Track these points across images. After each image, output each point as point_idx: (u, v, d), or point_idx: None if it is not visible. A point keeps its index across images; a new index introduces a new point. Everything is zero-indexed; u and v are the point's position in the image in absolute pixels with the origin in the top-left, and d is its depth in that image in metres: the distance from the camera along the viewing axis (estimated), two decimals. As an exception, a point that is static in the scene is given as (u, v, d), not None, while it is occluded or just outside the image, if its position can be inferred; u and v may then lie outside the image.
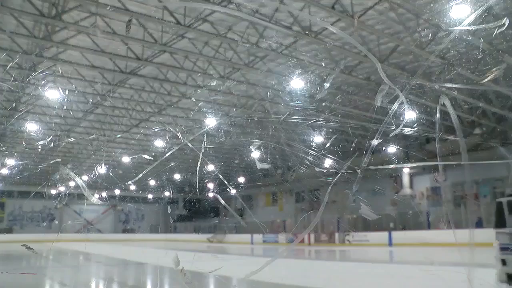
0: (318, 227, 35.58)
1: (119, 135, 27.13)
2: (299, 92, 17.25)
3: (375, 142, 4.56)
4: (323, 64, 18.36)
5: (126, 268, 18.11)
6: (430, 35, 15.12)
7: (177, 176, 38.39)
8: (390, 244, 27.45)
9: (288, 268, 14.01)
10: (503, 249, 7.22)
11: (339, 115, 21.17)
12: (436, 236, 25.97)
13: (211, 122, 22.16)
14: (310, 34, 15.39)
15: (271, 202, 46.53)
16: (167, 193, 48.21)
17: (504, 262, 7.08)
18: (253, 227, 36.75)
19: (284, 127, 18.90)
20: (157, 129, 25.53)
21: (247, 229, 39.74)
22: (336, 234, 33.06)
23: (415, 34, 16.10)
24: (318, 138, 15.01)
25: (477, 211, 26.50)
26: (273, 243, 36.59)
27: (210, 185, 24.28)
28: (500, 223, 7.49)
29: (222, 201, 7.53)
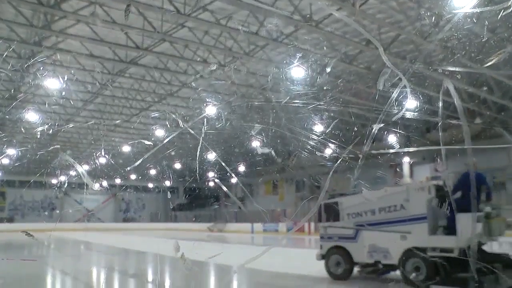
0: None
1: (118, 121, 27.03)
2: (299, 77, 17.13)
3: (376, 126, 4.55)
4: (325, 48, 18.24)
5: (127, 257, 18.22)
6: (433, 19, 14.97)
7: (177, 164, 38.40)
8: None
9: (287, 256, 14.07)
10: (321, 237, 10.17)
11: (340, 100, 21.05)
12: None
13: (211, 109, 22.08)
14: (311, 23, 15.29)
15: (271, 191, 46.59)
16: (167, 182, 48.28)
17: (320, 247, 9.96)
18: (254, 216, 36.80)
19: (284, 111, 18.88)
20: (156, 114, 25.45)
21: (247, 218, 39.83)
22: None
23: (416, 23, 16.00)
24: (319, 123, 14.95)
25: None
26: (273, 232, 36.68)
27: (210, 171, 24.26)
28: (319, 219, 10.53)
29: (222, 186, 7.57)
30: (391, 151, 17.26)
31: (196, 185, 47.24)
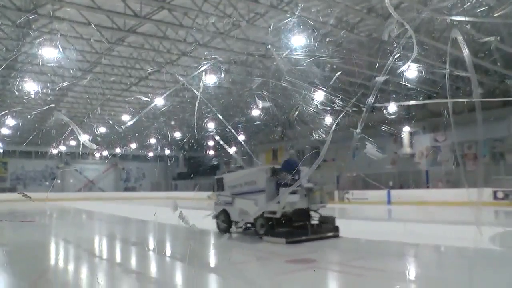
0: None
1: (113, 78, 26.77)
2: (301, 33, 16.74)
3: (381, 78, 4.50)
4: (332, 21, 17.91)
5: (128, 225, 18.43)
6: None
7: (177, 133, 38.39)
8: (389, 202, 27.73)
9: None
10: (215, 203, 13.28)
11: (344, 52, 20.68)
12: (434, 195, 26.28)
13: (210, 78, 21.73)
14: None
15: (271, 160, 46.72)
16: (167, 151, 48.29)
17: (215, 210, 13.04)
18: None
19: (285, 65, 18.64)
20: (151, 70, 25.11)
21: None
22: (336, 192, 33.36)
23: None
24: (321, 76, 14.81)
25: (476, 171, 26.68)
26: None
27: (210, 125, 24.10)
28: (213, 189, 13.58)
29: (221, 142, 7.99)
30: (397, 103, 17.44)
31: (195, 141, 46.74)
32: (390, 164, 32.56)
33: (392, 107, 19.61)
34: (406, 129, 31.79)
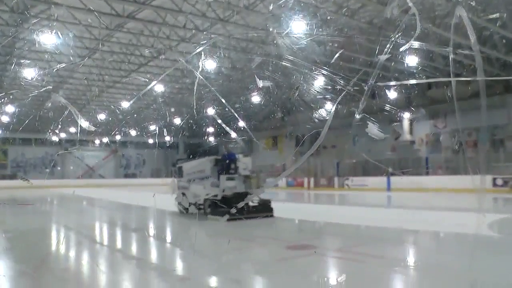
0: (318, 171, 35.93)
1: (110, 59, 26.59)
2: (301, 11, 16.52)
3: (383, 57, 4.46)
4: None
5: (128, 212, 18.49)
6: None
7: (176, 119, 38.29)
8: (389, 189, 27.79)
9: (286, 211, 14.31)
10: (178, 187, 15.01)
11: (345, 30, 20.47)
12: (434, 181, 26.33)
13: (210, 65, 21.50)
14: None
15: (271, 146, 46.74)
16: (167, 137, 48.22)
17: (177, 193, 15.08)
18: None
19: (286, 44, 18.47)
20: (148, 51, 24.91)
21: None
22: (336, 179, 33.43)
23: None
24: (322, 56, 14.75)
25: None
26: (272, 187, 36.91)
27: (209, 111, 23.88)
28: (175, 175, 15.53)
29: (220, 121, 8.09)
30: (401, 82, 17.53)
31: (194, 122, 46.65)
32: (390, 151, 32.57)
33: (392, 94, 19.57)
34: (407, 115, 31.72)
